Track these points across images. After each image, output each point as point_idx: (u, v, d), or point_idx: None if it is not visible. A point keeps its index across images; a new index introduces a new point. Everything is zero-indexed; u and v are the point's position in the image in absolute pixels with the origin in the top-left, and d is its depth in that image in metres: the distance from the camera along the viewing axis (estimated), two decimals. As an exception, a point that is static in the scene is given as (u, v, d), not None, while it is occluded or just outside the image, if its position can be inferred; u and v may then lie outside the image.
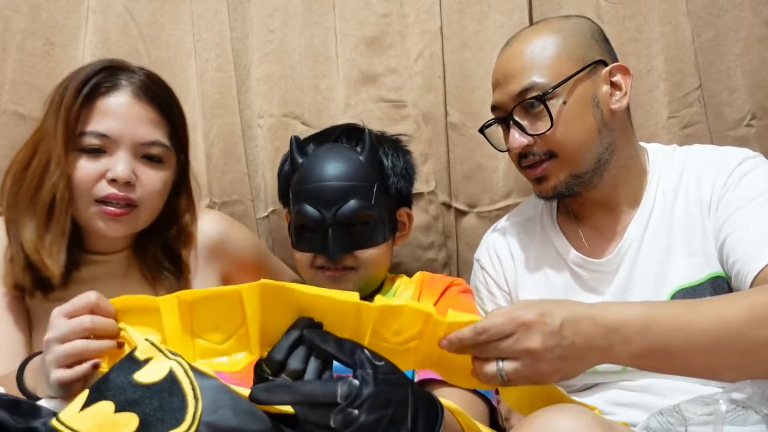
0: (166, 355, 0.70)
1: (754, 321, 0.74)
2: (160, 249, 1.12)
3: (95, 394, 0.66)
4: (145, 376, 0.67)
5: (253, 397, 0.67)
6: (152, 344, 0.71)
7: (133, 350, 0.70)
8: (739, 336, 0.74)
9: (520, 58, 1.02)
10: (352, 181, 1.07)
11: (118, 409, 0.64)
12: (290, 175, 1.13)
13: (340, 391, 0.65)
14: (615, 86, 1.02)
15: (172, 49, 1.39)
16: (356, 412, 0.64)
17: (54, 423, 0.64)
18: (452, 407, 0.77)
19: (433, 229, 1.39)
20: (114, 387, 0.66)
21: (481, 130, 1.11)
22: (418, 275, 1.19)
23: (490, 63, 1.36)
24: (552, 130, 0.98)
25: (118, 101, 1.03)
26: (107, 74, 1.04)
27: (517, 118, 1.01)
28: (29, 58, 1.33)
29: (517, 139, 1.01)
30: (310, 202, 1.07)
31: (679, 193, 1.01)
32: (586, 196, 1.04)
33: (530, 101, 0.99)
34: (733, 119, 1.34)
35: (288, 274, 1.33)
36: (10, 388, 0.85)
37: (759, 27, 1.32)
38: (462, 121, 1.38)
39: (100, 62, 1.07)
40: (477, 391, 0.96)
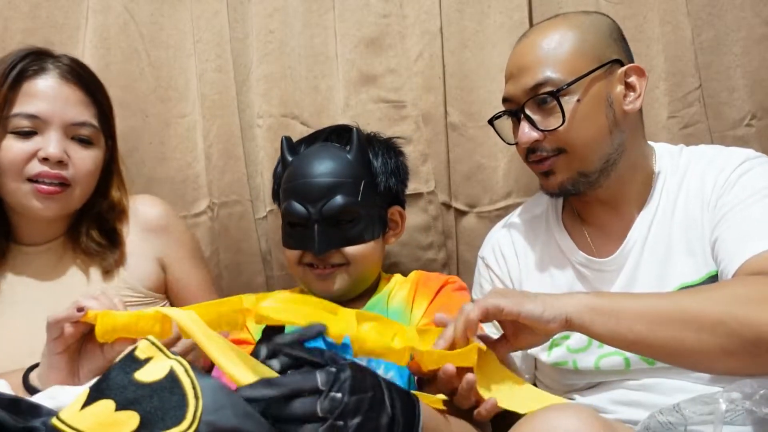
0: (166, 354, 0.70)
1: (714, 300, 0.80)
2: (93, 224, 1.13)
3: (96, 393, 0.66)
4: (146, 375, 0.67)
5: (242, 395, 0.68)
6: (152, 343, 0.71)
7: (134, 349, 0.70)
8: (690, 312, 0.79)
9: (536, 52, 1.00)
10: (339, 178, 1.07)
11: (118, 408, 0.64)
12: (281, 175, 1.14)
13: (320, 378, 0.66)
14: (629, 87, 1.01)
15: (172, 50, 1.39)
16: (339, 395, 0.66)
17: (54, 422, 0.64)
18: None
19: (433, 229, 1.39)
20: (114, 386, 0.66)
21: (491, 122, 1.11)
22: (413, 274, 1.19)
23: (490, 63, 1.37)
24: (563, 126, 0.98)
25: (46, 83, 1.06)
26: (33, 59, 1.07)
27: (528, 112, 1.00)
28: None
29: (527, 133, 1.00)
30: (297, 199, 1.07)
31: (681, 193, 1.00)
32: (592, 195, 1.04)
33: (543, 96, 0.98)
34: (733, 119, 1.34)
35: (207, 289, 1.25)
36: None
37: (759, 27, 1.32)
38: (462, 121, 1.38)
39: (24, 49, 1.09)
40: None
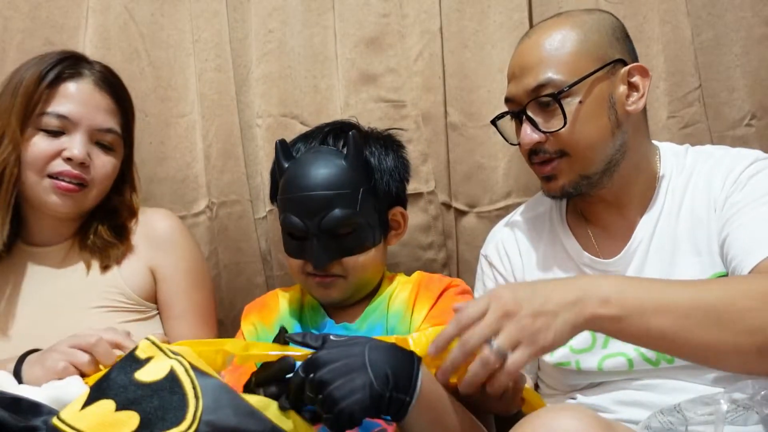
0: (166, 354, 0.70)
1: (732, 296, 0.77)
2: (102, 223, 1.16)
3: (96, 393, 0.66)
4: (146, 374, 0.67)
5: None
6: (153, 343, 0.71)
7: (134, 349, 0.70)
8: (714, 308, 0.76)
9: (538, 52, 0.99)
10: (336, 190, 1.04)
11: (119, 408, 0.64)
12: (277, 179, 1.12)
13: (301, 368, 0.74)
14: (632, 87, 1.00)
15: (172, 49, 1.39)
16: (314, 374, 0.72)
17: (55, 421, 0.64)
18: None
19: (433, 229, 1.39)
20: (115, 386, 0.66)
21: (494, 122, 1.10)
22: (416, 275, 1.17)
23: (490, 63, 1.37)
24: (565, 129, 0.97)
25: (80, 87, 1.11)
26: (71, 62, 1.13)
27: (530, 114, 0.99)
28: (29, 57, 1.32)
29: (529, 135, 0.99)
30: (294, 212, 1.06)
31: (687, 193, 1.00)
32: (595, 195, 1.03)
33: (545, 98, 0.97)
34: (733, 119, 1.34)
35: (196, 314, 1.21)
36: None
37: (759, 27, 1.32)
38: (462, 121, 1.38)
39: (61, 51, 1.15)
40: None
